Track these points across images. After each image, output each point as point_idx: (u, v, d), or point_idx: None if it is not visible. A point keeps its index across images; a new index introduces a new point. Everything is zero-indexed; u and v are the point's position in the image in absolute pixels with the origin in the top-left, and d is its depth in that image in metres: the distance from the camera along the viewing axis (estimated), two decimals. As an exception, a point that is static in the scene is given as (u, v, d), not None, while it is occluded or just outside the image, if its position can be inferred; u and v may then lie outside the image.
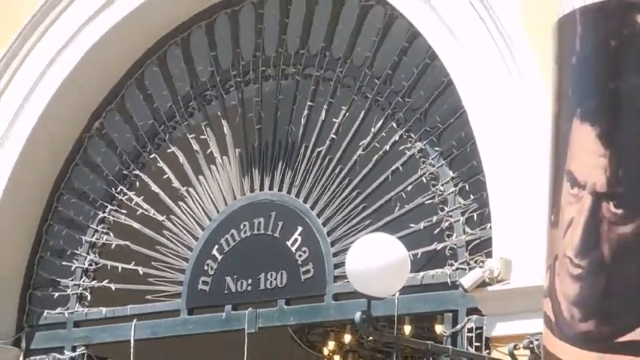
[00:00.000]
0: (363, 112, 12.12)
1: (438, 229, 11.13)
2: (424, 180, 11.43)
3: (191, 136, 13.11)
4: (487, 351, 10.20)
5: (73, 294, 13.69)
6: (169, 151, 13.22)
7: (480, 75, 10.98)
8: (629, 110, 7.65)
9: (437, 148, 11.45)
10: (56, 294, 13.70)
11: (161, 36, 13.98)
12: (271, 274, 12.07)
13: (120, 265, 13.31)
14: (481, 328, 10.20)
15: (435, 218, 11.20)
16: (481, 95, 10.94)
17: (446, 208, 11.20)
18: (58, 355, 13.44)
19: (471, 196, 11.00)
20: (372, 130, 11.95)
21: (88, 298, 13.56)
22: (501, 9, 10.79)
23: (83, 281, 13.73)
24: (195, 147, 13.03)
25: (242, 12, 13.61)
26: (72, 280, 13.77)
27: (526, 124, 10.44)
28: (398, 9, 11.72)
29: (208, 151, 12.91)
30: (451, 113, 11.28)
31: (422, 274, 10.82)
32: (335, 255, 11.47)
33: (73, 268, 13.72)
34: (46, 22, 14.30)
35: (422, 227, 11.19)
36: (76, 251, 13.78)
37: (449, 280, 10.65)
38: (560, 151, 8.25)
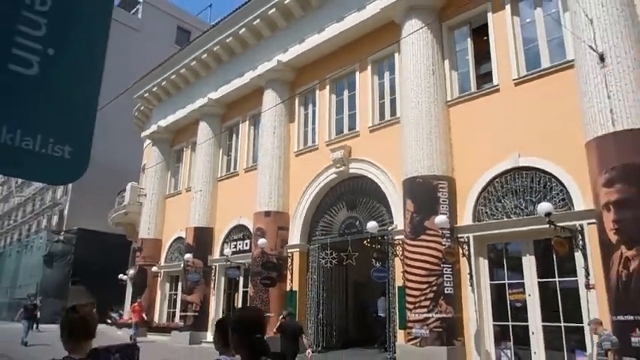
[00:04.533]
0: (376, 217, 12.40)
1: (388, 226, 11.71)
2: (389, 229, 11.46)
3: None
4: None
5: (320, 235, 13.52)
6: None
7: (394, 202, 11.43)
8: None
9: (389, 221, 11.72)
10: (319, 234, 13.64)
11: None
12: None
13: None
14: (393, 239, 11.03)
15: (389, 227, 11.50)
16: (394, 209, 11.45)
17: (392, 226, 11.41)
18: (312, 247, 13.35)
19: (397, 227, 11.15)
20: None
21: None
22: (392, 176, 11.14)
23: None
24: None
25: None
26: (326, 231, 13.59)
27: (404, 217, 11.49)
28: (375, 180, 11.94)
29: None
30: (388, 210, 11.64)
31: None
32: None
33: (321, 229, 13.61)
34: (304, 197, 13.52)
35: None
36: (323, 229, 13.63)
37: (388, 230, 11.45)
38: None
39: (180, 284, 17.83)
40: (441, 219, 9.74)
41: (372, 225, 11.19)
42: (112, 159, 27.02)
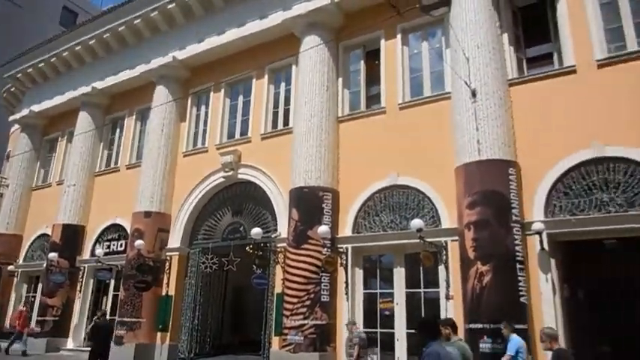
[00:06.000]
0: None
1: (272, 233, 11.84)
2: (273, 237, 11.83)
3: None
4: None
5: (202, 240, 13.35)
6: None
7: (280, 210, 11.55)
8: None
9: (274, 229, 11.89)
10: (201, 238, 13.33)
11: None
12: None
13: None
14: (276, 246, 11.05)
15: (273, 235, 11.80)
16: (279, 217, 11.52)
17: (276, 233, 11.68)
18: (192, 252, 13.00)
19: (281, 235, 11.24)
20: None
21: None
22: (280, 184, 11.27)
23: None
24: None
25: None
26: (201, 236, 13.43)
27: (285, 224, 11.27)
28: (262, 187, 11.89)
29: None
30: (273, 217, 11.70)
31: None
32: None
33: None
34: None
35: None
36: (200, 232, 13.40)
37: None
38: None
39: (40, 286, 16.15)
40: (323, 229, 10.03)
41: (256, 231, 11.14)
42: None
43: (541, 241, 8.22)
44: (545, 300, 8.05)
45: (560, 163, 8.48)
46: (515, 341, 6.98)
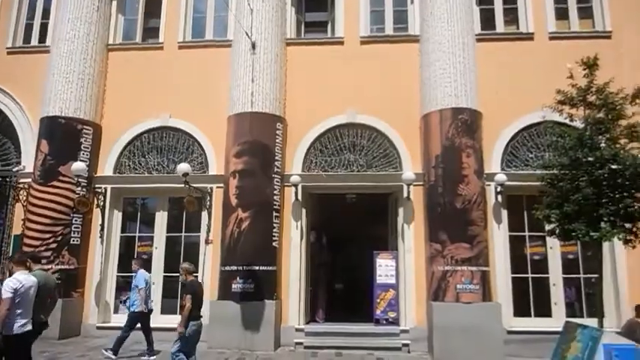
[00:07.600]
0: None
1: (13, 167, 11.00)
2: (14, 170, 10.52)
3: None
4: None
5: None
6: None
7: (26, 141, 10.26)
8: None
9: (16, 162, 10.97)
10: None
11: None
12: None
13: None
14: (17, 182, 10.03)
15: (14, 168, 11.00)
16: (25, 149, 10.68)
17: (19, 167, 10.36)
18: None
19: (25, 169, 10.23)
20: None
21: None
22: (28, 110, 9.90)
23: None
24: None
25: None
26: None
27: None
28: (4, 111, 10.26)
29: None
30: (16, 148, 11.46)
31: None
32: None
33: None
34: None
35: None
36: None
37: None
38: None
39: None
40: (78, 166, 9.05)
41: (-10, 163, 9.49)
42: None
43: (296, 193, 9.09)
44: (293, 245, 9.01)
45: (320, 124, 9.43)
46: (142, 275, 7.64)
